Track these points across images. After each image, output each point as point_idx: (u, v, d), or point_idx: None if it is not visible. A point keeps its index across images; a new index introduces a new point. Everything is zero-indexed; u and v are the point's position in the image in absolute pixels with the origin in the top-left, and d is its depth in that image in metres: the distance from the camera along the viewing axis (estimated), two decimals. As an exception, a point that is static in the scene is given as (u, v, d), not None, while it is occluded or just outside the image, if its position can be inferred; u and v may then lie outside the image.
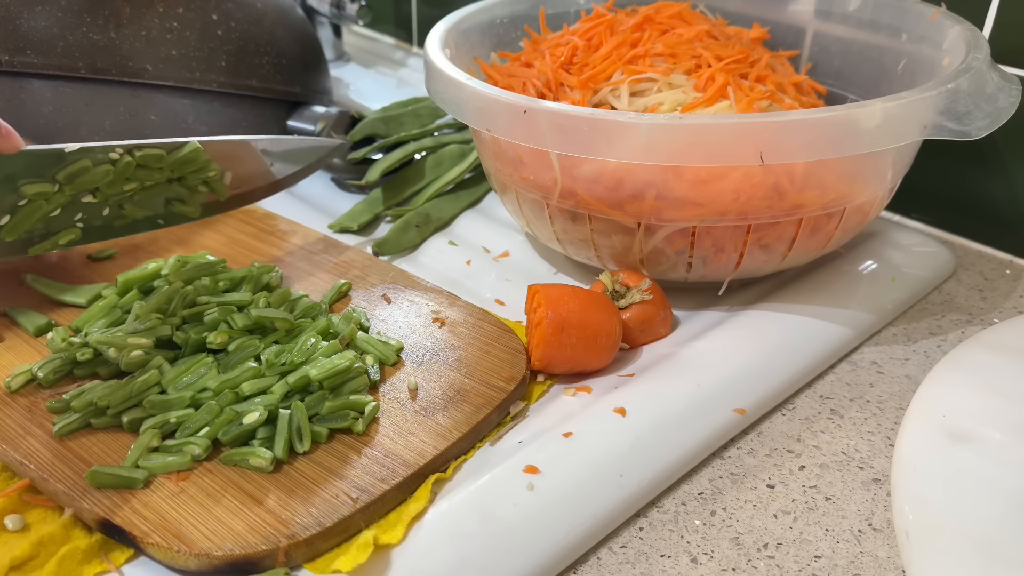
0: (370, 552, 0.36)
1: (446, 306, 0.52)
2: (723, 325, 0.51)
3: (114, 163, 0.48)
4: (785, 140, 0.44)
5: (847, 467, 0.44)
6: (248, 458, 0.40)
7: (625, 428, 0.43)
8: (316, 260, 0.57)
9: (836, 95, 0.63)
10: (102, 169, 0.48)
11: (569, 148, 0.47)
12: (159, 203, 0.52)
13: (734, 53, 0.56)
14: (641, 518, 0.41)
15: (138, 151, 0.49)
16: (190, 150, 0.51)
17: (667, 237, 0.50)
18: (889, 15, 0.60)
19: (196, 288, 0.50)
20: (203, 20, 0.66)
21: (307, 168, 0.58)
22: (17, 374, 0.46)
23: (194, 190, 0.53)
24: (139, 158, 0.49)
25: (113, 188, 0.49)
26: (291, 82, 0.71)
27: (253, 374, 0.44)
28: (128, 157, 0.48)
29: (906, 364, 0.52)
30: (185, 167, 0.51)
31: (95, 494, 0.39)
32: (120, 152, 0.48)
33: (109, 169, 0.48)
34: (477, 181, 0.69)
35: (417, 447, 0.41)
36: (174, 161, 0.50)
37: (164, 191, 0.51)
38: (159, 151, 0.50)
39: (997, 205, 0.62)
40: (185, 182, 0.52)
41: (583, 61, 0.58)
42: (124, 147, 0.48)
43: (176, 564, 0.37)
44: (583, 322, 0.46)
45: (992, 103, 0.47)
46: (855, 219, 0.52)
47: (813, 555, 0.39)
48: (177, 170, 0.51)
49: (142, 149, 0.49)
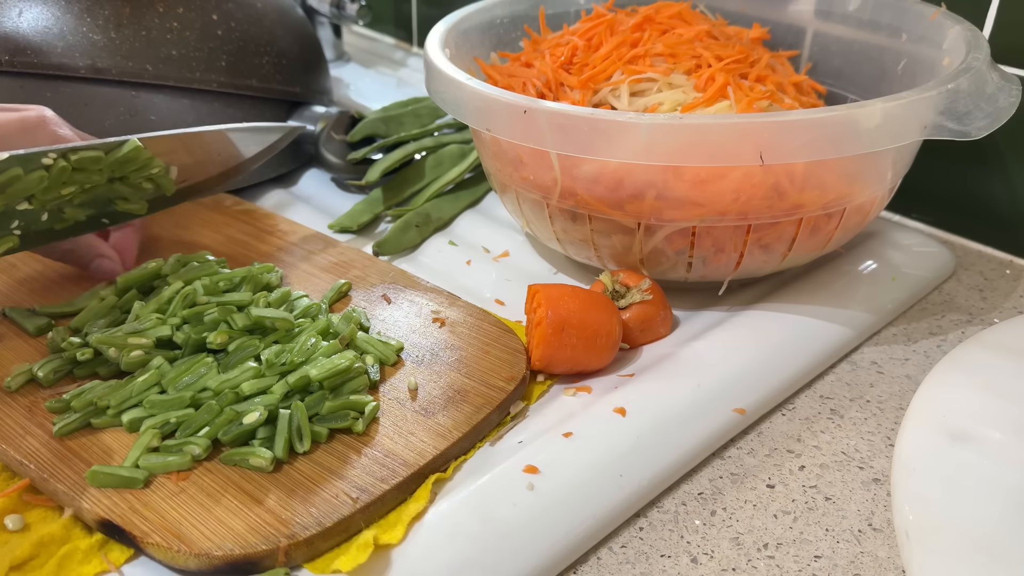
0: (370, 552, 0.36)
1: (446, 306, 0.52)
2: (723, 325, 0.51)
3: (48, 169, 0.46)
4: (785, 140, 0.44)
5: (847, 467, 0.44)
6: (248, 458, 0.40)
7: (625, 428, 0.43)
8: (316, 260, 0.57)
9: (836, 95, 0.63)
10: (36, 176, 0.46)
11: (569, 148, 0.47)
12: (102, 204, 0.50)
13: (734, 53, 0.56)
14: (641, 518, 0.41)
15: (73, 155, 0.47)
16: (130, 149, 0.49)
17: (667, 237, 0.50)
18: (889, 15, 0.60)
19: (196, 288, 0.50)
20: (203, 20, 0.66)
21: (263, 153, 0.56)
22: (17, 374, 0.46)
23: (138, 188, 0.51)
24: (75, 162, 0.47)
25: (50, 194, 0.47)
26: (291, 82, 0.71)
27: (253, 374, 0.44)
28: (63, 162, 0.46)
29: (906, 364, 0.52)
30: (126, 166, 0.49)
31: (95, 494, 0.39)
32: (54, 157, 0.46)
33: (43, 175, 0.46)
34: (477, 181, 0.69)
35: (417, 447, 0.41)
36: (113, 161, 0.48)
37: (106, 191, 0.50)
38: (96, 153, 0.48)
39: (997, 205, 0.62)
40: (128, 181, 0.50)
41: (583, 61, 0.58)
42: (58, 151, 0.46)
43: (176, 564, 0.37)
44: (583, 322, 0.46)
45: (992, 103, 0.47)
46: (855, 219, 0.52)
47: (813, 555, 0.39)
48: (118, 170, 0.49)
49: (78, 152, 0.47)
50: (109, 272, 0.53)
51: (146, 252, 0.58)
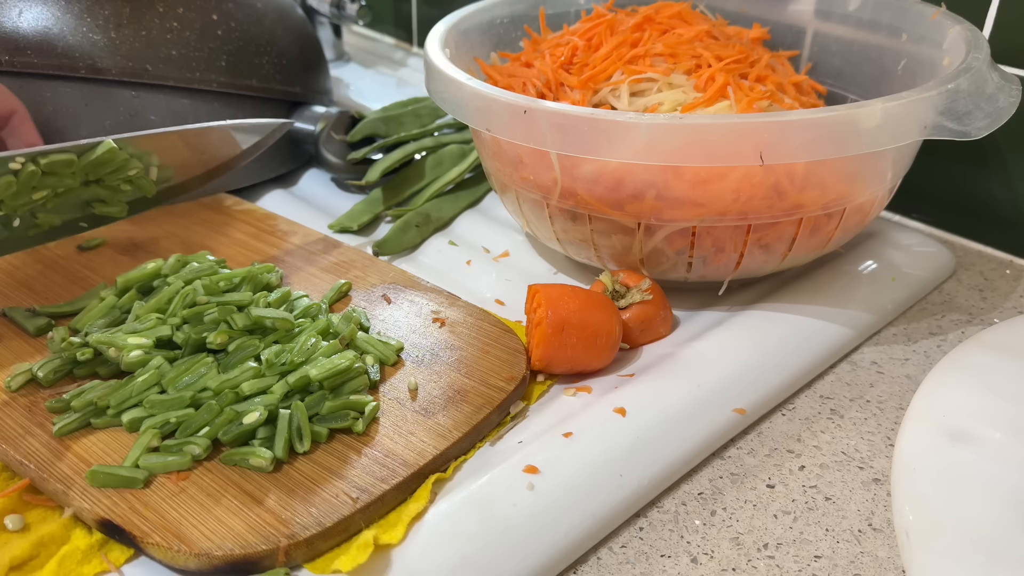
0: (370, 552, 0.36)
1: (446, 306, 0.52)
2: (723, 325, 0.51)
3: (16, 173, 0.45)
4: (785, 140, 0.44)
5: (847, 467, 0.44)
6: (248, 458, 0.40)
7: (625, 428, 0.43)
8: (316, 260, 0.57)
9: (836, 95, 0.63)
10: (4, 181, 0.44)
11: (569, 148, 0.47)
12: (77, 207, 0.48)
13: (734, 53, 0.56)
14: (641, 518, 0.41)
15: (43, 158, 0.45)
16: (104, 151, 0.47)
17: (667, 237, 0.50)
18: (889, 15, 0.60)
19: (196, 288, 0.49)
20: (203, 20, 0.66)
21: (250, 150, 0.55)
22: (17, 374, 0.46)
23: (116, 190, 0.49)
24: (44, 165, 0.45)
25: (20, 199, 0.46)
26: (291, 82, 0.71)
27: (253, 374, 0.44)
28: (32, 166, 0.45)
29: (906, 364, 0.52)
30: (101, 168, 0.48)
31: (95, 494, 0.39)
32: (22, 161, 0.45)
33: (11, 180, 0.45)
34: (477, 181, 0.69)
35: (417, 447, 0.41)
36: (87, 164, 0.47)
37: (81, 194, 0.48)
38: (69, 156, 0.46)
39: (997, 205, 0.62)
40: (104, 183, 0.49)
41: (583, 61, 0.58)
42: (26, 155, 0.45)
43: (176, 564, 0.37)
44: (583, 322, 0.46)
45: (992, 103, 0.47)
46: (855, 219, 0.52)
47: (813, 555, 0.39)
48: (92, 173, 0.48)
49: (48, 156, 0.45)
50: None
51: (146, 252, 0.58)
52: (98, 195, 0.48)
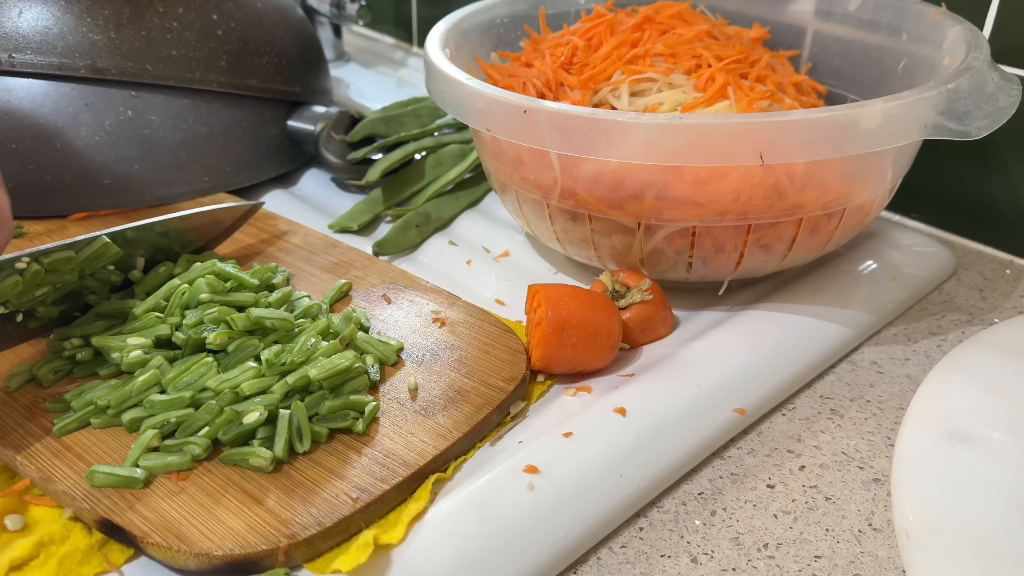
0: (370, 552, 0.36)
1: (446, 306, 0.52)
2: (723, 325, 0.51)
3: (22, 273, 0.45)
4: (785, 140, 0.44)
5: (847, 467, 0.44)
6: (248, 458, 0.40)
7: (625, 428, 0.43)
8: (316, 260, 0.57)
9: (836, 95, 0.63)
10: (11, 281, 0.45)
11: (569, 148, 0.47)
12: (73, 299, 0.49)
13: (734, 53, 0.56)
14: (641, 518, 0.41)
15: (46, 257, 0.46)
16: (99, 246, 0.48)
17: (667, 237, 0.50)
18: (889, 15, 0.60)
19: (196, 287, 0.49)
20: (203, 20, 0.66)
21: (224, 234, 0.57)
22: (17, 374, 0.46)
23: (106, 281, 0.50)
24: (48, 263, 0.46)
25: (24, 297, 0.46)
26: (291, 82, 0.71)
27: (253, 374, 0.44)
28: (36, 265, 0.46)
29: (906, 364, 0.52)
30: (95, 262, 0.48)
31: (95, 494, 0.39)
32: (27, 261, 0.45)
33: (18, 280, 0.45)
34: (477, 181, 0.69)
35: (417, 447, 0.41)
36: (84, 259, 0.48)
37: (76, 287, 0.49)
38: (67, 253, 0.47)
39: (997, 205, 0.62)
40: (96, 276, 0.49)
41: (583, 61, 0.58)
42: (31, 255, 0.46)
43: (176, 564, 0.37)
44: (583, 322, 0.46)
45: (992, 103, 0.47)
46: (855, 219, 0.52)
47: (813, 555, 0.39)
48: (88, 267, 0.48)
49: (50, 255, 0.46)
50: None
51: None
52: (90, 286, 0.50)
